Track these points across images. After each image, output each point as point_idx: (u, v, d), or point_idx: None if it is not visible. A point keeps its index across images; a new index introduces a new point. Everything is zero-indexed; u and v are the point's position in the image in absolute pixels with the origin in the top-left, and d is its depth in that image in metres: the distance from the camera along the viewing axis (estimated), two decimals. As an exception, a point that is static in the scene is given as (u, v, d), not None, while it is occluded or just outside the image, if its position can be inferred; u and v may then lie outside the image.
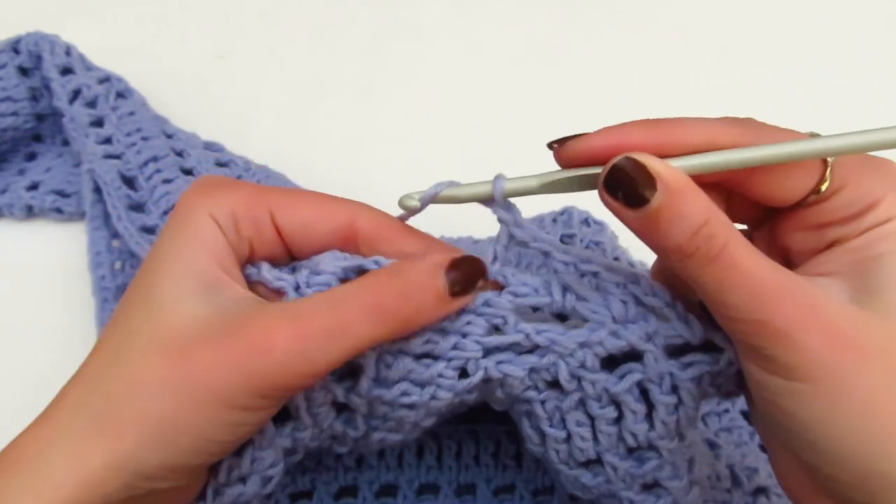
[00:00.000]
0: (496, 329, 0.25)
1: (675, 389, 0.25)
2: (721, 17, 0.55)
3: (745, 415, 0.38)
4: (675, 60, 0.52)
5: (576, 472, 0.27)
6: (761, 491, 0.33)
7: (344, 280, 0.25)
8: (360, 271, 0.25)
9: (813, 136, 0.23)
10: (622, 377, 0.25)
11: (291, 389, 0.23)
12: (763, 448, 0.36)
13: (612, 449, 0.26)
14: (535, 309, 0.26)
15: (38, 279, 0.44)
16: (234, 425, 0.23)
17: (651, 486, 0.27)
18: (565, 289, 0.25)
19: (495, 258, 0.26)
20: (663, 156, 0.23)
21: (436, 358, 0.25)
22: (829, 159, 0.23)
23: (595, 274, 0.26)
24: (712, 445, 0.35)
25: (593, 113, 0.51)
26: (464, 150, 0.49)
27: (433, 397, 0.25)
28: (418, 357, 0.25)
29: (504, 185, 0.25)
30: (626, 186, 0.22)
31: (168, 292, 0.23)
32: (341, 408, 0.26)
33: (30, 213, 0.46)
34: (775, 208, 0.25)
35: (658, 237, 0.23)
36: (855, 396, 0.21)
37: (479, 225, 0.43)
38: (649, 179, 0.22)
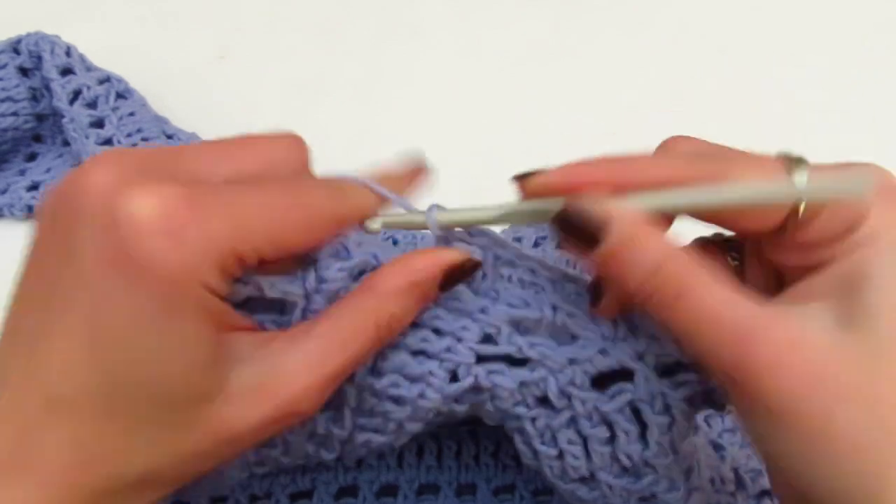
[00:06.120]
0: (489, 338, 0.25)
1: (667, 409, 0.25)
2: (721, 17, 0.54)
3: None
4: (675, 60, 0.52)
5: (571, 486, 0.27)
6: (766, 494, 0.33)
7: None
8: (362, 271, 0.25)
9: (783, 156, 0.22)
10: (613, 397, 0.25)
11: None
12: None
13: (606, 468, 0.26)
14: (521, 322, 0.25)
15: (39, 279, 0.44)
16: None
17: (648, 499, 0.27)
18: (554, 306, 0.25)
19: (485, 275, 0.26)
20: (621, 192, 0.22)
21: (430, 356, 0.25)
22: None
23: (579, 293, 0.25)
24: (717, 447, 0.35)
25: (594, 112, 0.51)
26: (464, 150, 0.48)
27: (421, 395, 0.25)
28: (414, 353, 0.25)
29: (435, 218, 0.25)
30: (578, 228, 0.22)
31: None
32: (327, 405, 0.26)
33: (30, 213, 0.46)
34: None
35: (616, 278, 0.22)
36: (835, 437, 0.20)
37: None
38: (600, 221, 0.22)
